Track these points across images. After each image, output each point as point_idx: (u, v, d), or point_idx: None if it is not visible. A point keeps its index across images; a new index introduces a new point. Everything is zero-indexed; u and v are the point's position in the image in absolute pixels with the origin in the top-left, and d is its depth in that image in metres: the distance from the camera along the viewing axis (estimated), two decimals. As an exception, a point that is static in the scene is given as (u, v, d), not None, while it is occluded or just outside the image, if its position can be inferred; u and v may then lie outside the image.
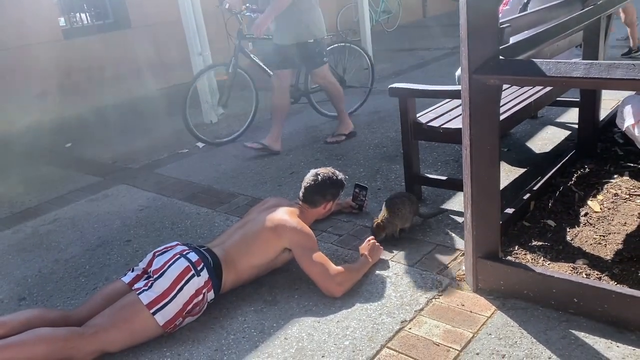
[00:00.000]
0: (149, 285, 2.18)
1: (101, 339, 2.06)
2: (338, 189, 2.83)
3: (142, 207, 3.69)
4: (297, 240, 2.43)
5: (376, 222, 2.74)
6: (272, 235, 2.44)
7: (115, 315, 2.11)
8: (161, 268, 2.22)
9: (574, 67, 1.80)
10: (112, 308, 2.14)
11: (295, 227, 2.45)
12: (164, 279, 2.17)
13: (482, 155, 2.12)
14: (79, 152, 5.31)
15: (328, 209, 2.84)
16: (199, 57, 5.42)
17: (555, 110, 4.53)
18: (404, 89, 3.02)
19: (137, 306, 2.11)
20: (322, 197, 2.77)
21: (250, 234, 2.47)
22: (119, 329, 2.09)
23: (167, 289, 2.14)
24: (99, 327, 2.07)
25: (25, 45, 6.44)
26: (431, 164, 3.77)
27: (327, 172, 2.81)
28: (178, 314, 2.16)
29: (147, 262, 2.34)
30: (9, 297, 2.75)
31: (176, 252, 2.28)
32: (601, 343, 1.91)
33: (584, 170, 3.26)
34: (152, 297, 2.12)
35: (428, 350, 1.99)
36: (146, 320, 2.11)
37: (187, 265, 2.21)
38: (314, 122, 5.24)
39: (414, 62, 7.75)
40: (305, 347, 2.08)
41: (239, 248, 2.43)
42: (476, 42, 1.99)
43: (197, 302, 2.22)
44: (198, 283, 2.21)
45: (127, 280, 2.31)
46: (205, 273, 2.25)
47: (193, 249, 2.33)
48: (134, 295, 2.14)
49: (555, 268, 2.35)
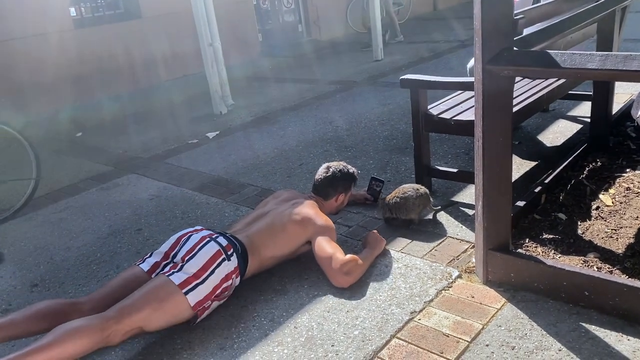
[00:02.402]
0: (178, 267, 2.17)
1: (136, 319, 2.01)
2: (349, 182, 2.83)
3: (153, 197, 3.71)
4: (319, 231, 2.47)
5: (382, 201, 2.84)
6: (299, 228, 2.48)
7: (148, 296, 2.07)
8: (191, 250, 2.21)
9: (589, 58, 1.79)
10: (141, 291, 2.09)
11: (322, 222, 2.50)
12: (196, 261, 2.17)
13: (494, 147, 2.11)
14: (90, 141, 5.34)
15: (340, 201, 2.84)
16: (209, 47, 5.42)
17: (567, 104, 4.50)
18: (415, 80, 3.01)
19: (170, 286, 2.09)
20: (334, 189, 2.78)
21: (276, 225, 2.49)
22: (153, 308, 2.05)
23: (199, 270, 2.14)
24: (131, 308, 2.02)
25: (37, 35, 6.46)
26: (442, 157, 3.76)
27: (338, 165, 2.82)
28: (208, 295, 2.16)
29: (169, 245, 2.34)
30: (21, 284, 2.78)
31: (204, 235, 2.29)
32: (612, 336, 1.91)
33: (595, 163, 3.24)
34: (183, 277, 2.12)
35: (437, 341, 1.99)
36: (179, 299, 2.09)
37: (218, 249, 2.23)
38: (322, 114, 5.24)
39: (424, 54, 7.71)
40: (314, 336, 2.09)
41: (264, 238, 2.45)
42: (490, 32, 1.97)
43: (226, 286, 2.23)
44: (228, 268, 2.23)
45: (147, 267, 2.29)
46: (235, 258, 2.27)
47: (220, 234, 2.35)
48: (164, 277, 2.13)
49: (566, 261, 2.34)
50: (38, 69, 6.52)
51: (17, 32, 6.32)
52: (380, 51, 7.64)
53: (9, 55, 6.27)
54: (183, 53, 7.55)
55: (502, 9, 1.97)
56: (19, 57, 6.38)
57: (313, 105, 5.65)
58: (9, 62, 6.29)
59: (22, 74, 6.43)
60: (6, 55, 6.27)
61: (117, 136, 5.37)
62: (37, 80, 6.47)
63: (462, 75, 3.57)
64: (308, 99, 5.96)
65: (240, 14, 8.52)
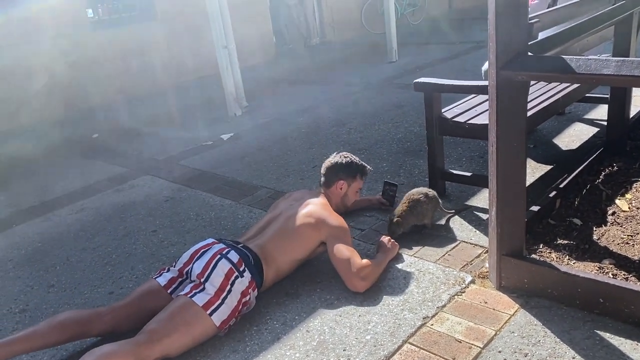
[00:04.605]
0: (200, 288, 2.15)
1: (165, 345, 2.00)
2: (352, 171, 2.79)
3: (167, 198, 3.75)
4: (335, 234, 2.45)
5: (391, 220, 2.74)
6: (311, 230, 2.46)
7: (175, 319, 2.05)
8: (205, 269, 2.19)
9: (604, 64, 1.77)
10: (165, 312, 2.08)
11: (335, 222, 2.48)
12: (212, 281, 2.15)
13: (509, 152, 2.10)
14: (106, 143, 5.40)
15: (344, 192, 2.79)
16: (224, 50, 5.45)
17: (584, 107, 4.45)
18: (429, 83, 3.00)
19: (194, 308, 2.08)
20: (335, 175, 2.76)
21: (288, 229, 2.47)
22: (181, 332, 2.04)
23: (218, 290, 2.13)
24: (161, 333, 2.01)
25: (53, 37, 6.54)
26: (455, 160, 3.75)
27: (347, 154, 2.82)
28: (232, 314, 2.15)
29: (183, 263, 2.32)
30: (38, 284, 2.82)
31: (215, 252, 2.26)
32: (627, 344, 1.89)
33: (612, 168, 3.20)
34: (206, 298, 2.10)
35: (450, 347, 1.98)
36: (205, 321, 2.09)
37: (230, 267, 2.20)
38: (336, 116, 5.24)
39: (439, 56, 7.68)
40: (326, 340, 2.10)
41: (277, 244, 2.43)
42: (504, 37, 1.96)
43: (245, 301, 2.22)
44: (243, 284, 2.20)
45: (163, 282, 2.29)
46: (247, 273, 2.24)
47: (231, 247, 2.31)
48: (186, 299, 2.11)
49: (580, 267, 2.32)
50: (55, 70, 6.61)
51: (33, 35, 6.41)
52: (394, 53, 7.63)
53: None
54: (198, 55, 7.61)
55: (517, 12, 1.96)
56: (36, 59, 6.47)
57: (326, 107, 5.66)
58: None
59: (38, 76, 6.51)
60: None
61: (133, 138, 5.42)
62: (53, 81, 6.56)
63: (477, 78, 3.54)
64: (322, 100, 5.97)
65: (255, 15, 8.55)
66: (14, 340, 2.08)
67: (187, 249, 2.39)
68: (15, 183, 4.53)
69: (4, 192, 4.33)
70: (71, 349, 2.25)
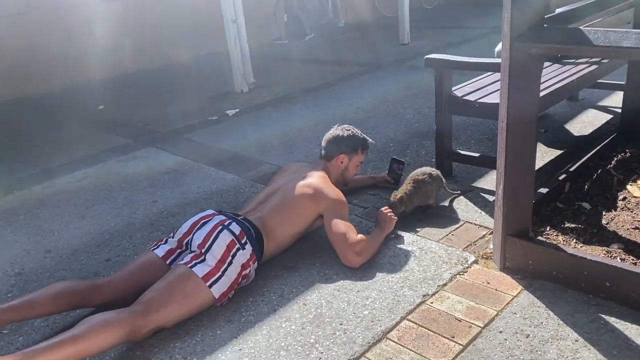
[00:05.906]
0: (200, 258, 2.11)
1: (163, 315, 1.97)
2: (355, 145, 2.73)
3: (170, 170, 3.70)
4: (332, 206, 2.40)
5: (395, 197, 2.67)
6: (309, 202, 2.42)
7: (173, 290, 2.01)
8: (206, 239, 2.15)
9: (624, 36, 1.69)
10: (163, 282, 2.04)
11: (333, 195, 2.43)
12: (214, 252, 2.11)
13: (519, 128, 2.03)
14: (111, 115, 5.36)
15: (344, 165, 2.73)
16: (233, 24, 5.36)
17: (598, 93, 4.35)
18: (440, 60, 2.93)
19: (194, 279, 2.04)
20: (337, 147, 2.70)
21: (287, 201, 2.42)
22: (179, 303, 2.01)
23: (218, 262, 2.09)
24: (158, 304, 1.97)
25: (63, 7, 6.48)
26: (464, 142, 3.67)
27: (345, 126, 2.76)
28: (231, 286, 2.12)
29: (182, 233, 2.28)
30: (35, 249, 2.79)
31: (217, 223, 2.21)
32: (632, 329, 1.83)
33: (624, 154, 3.12)
34: (206, 270, 2.06)
35: (449, 325, 1.93)
36: (204, 293, 2.05)
37: (232, 239, 2.15)
38: (345, 97, 5.16)
39: (452, 40, 7.55)
40: (323, 314, 2.05)
41: (277, 217, 2.38)
42: (520, 7, 1.88)
43: (245, 274, 2.18)
44: (244, 256, 2.16)
45: (161, 254, 2.24)
46: (249, 246, 2.20)
47: (232, 219, 2.26)
48: (186, 268, 2.07)
49: (588, 251, 2.25)
50: (64, 41, 6.56)
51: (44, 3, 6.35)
52: (407, 35, 7.52)
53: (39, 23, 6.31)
54: (207, 29, 7.52)
55: (534, -18, 1.88)
56: (46, 28, 6.42)
57: (335, 86, 5.58)
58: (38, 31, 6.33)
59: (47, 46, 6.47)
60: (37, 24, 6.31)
61: (138, 110, 5.37)
62: (63, 52, 6.51)
63: (490, 59, 3.45)
64: (331, 80, 5.89)
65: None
66: (9, 308, 2.01)
67: (187, 220, 2.34)
68: (18, 150, 4.50)
69: (4, 160, 4.31)
70: (66, 318, 2.21)
